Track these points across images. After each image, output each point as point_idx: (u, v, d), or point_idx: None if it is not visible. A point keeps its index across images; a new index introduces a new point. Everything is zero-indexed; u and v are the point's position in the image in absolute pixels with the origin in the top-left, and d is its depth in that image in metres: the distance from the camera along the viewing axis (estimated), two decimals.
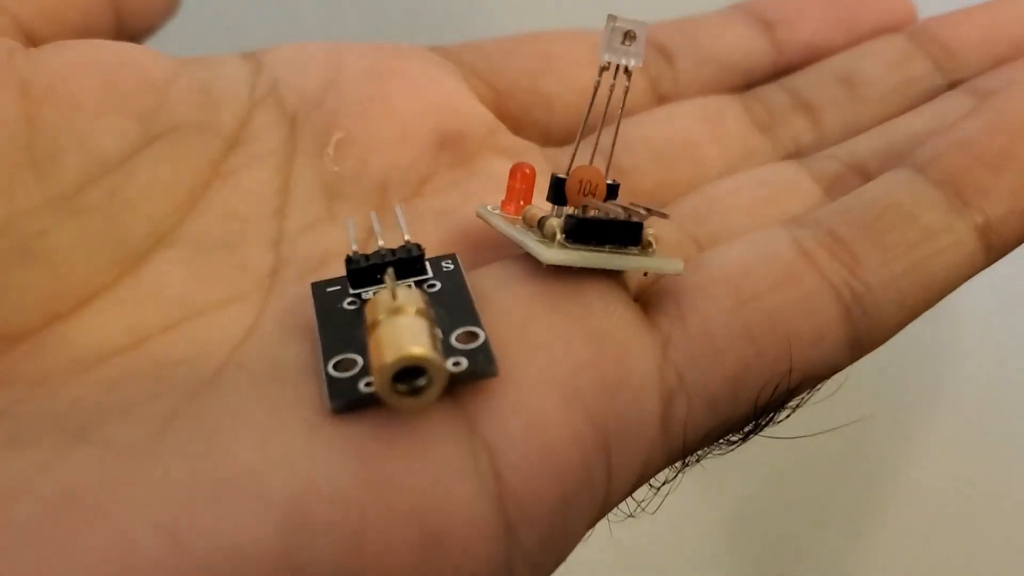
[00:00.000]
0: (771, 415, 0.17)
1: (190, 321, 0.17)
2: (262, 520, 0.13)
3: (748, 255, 0.17)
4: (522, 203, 0.17)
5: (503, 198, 0.18)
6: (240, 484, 0.13)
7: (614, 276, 0.16)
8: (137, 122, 0.18)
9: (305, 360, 0.15)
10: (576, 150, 0.17)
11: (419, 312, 0.14)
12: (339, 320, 0.15)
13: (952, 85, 0.24)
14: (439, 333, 0.14)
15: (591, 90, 0.17)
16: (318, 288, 0.16)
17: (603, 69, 0.17)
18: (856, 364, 0.18)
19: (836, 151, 0.22)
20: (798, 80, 0.25)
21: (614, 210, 0.16)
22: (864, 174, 0.21)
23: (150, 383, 0.15)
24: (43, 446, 0.14)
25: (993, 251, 0.18)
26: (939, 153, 0.18)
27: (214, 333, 0.16)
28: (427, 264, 0.16)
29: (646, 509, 0.17)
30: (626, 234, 0.16)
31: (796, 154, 0.23)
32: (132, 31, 0.23)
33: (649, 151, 0.22)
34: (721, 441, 0.17)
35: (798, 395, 0.17)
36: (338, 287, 0.16)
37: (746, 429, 0.17)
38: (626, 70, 0.17)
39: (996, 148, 0.18)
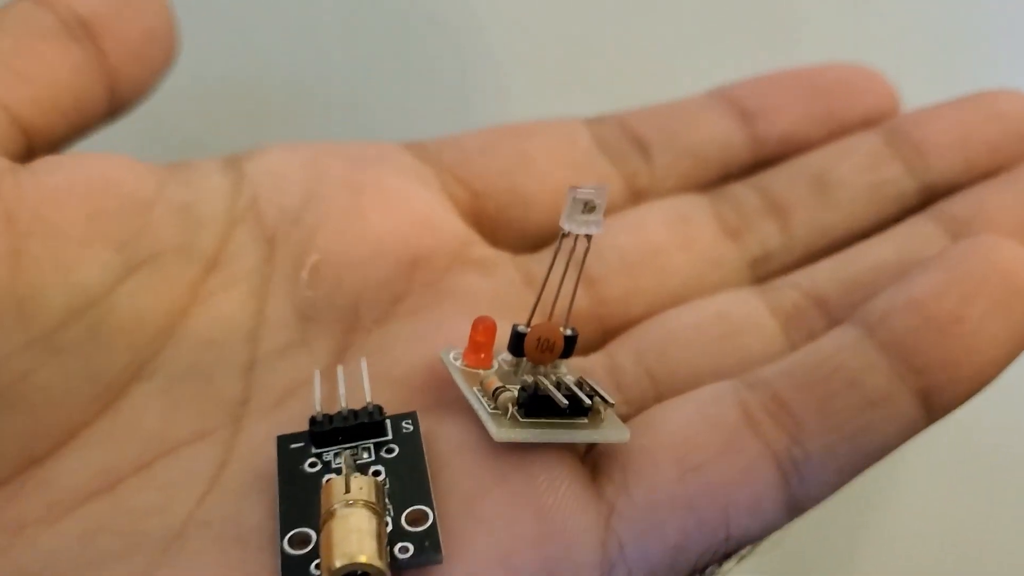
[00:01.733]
0: (713, 572, 0.18)
1: (161, 460, 0.18)
2: None
3: (694, 420, 0.18)
4: (483, 356, 0.18)
5: (466, 347, 0.18)
6: None
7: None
8: (119, 251, 0.19)
9: (264, 522, 0.16)
10: (536, 305, 0.18)
11: (369, 507, 0.15)
12: (299, 484, 0.16)
13: (924, 187, 0.24)
14: (388, 523, 0.15)
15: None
16: (283, 442, 0.17)
17: (563, 235, 0.18)
18: None
19: (799, 279, 0.22)
20: (770, 179, 0.25)
21: (557, 398, 0.17)
22: (824, 308, 0.21)
23: (122, 538, 0.16)
24: None
25: (934, 415, 0.18)
26: (889, 313, 0.19)
27: (185, 474, 0.17)
28: (387, 424, 0.17)
29: None
30: (575, 409, 0.17)
31: (763, 260, 0.24)
32: (125, 103, 0.24)
33: (618, 259, 0.23)
34: None
35: (738, 553, 0.18)
36: (302, 444, 0.17)
37: None
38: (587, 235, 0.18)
39: (944, 312, 0.19)
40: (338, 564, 0.14)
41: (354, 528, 0.14)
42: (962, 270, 0.19)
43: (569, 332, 0.18)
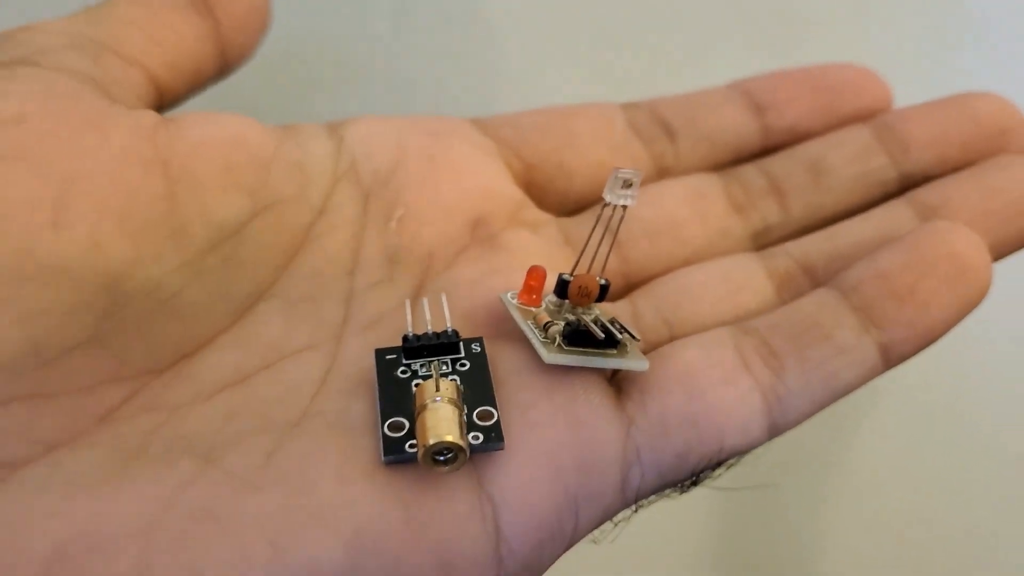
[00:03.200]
0: (707, 476, 0.23)
1: (281, 363, 0.22)
2: (334, 544, 0.19)
3: (699, 356, 0.23)
4: (534, 296, 0.23)
5: (521, 289, 0.23)
6: (320, 515, 0.19)
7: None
8: (248, 196, 0.24)
9: (366, 414, 0.21)
10: (579, 260, 0.23)
11: (453, 403, 0.20)
12: (394, 386, 0.21)
13: (903, 176, 0.29)
14: (465, 417, 0.20)
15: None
16: (380, 354, 0.22)
17: (604, 205, 0.22)
18: None
19: (792, 248, 0.27)
20: (773, 164, 0.29)
21: (595, 331, 0.21)
22: (811, 274, 0.26)
23: (253, 420, 0.21)
24: (183, 465, 0.19)
25: (890, 363, 0.23)
26: (860, 281, 0.24)
27: (300, 375, 0.22)
28: (461, 345, 0.22)
29: (607, 538, 0.23)
30: (608, 341, 0.22)
31: (764, 232, 0.28)
32: (229, 67, 0.28)
33: (641, 228, 0.27)
34: (666, 492, 0.23)
35: (727, 462, 0.23)
36: (394, 356, 0.22)
37: (688, 483, 0.23)
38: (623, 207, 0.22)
39: (903, 284, 0.23)
40: (431, 441, 0.19)
41: (443, 417, 0.19)
42: (922, 250, 0.24)
43: (603, 282, 0.23)
